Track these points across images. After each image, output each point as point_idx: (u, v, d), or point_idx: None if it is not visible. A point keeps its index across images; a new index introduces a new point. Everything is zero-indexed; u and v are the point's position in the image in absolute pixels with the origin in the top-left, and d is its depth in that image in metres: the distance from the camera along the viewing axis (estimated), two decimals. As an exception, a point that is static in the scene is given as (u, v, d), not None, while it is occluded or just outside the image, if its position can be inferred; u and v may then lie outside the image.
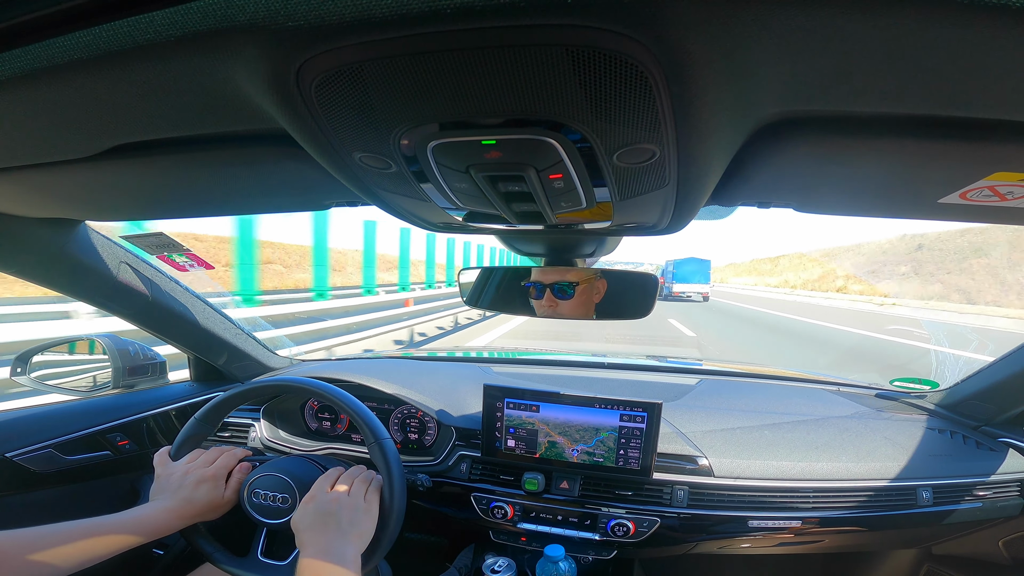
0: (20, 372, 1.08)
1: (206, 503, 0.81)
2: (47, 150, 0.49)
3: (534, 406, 1.00)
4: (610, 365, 1.53)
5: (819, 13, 0.24)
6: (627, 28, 0.25)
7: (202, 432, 0.93)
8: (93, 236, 0.90)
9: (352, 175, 0.48)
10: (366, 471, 0.86)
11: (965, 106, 0.33)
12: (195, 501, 0.80)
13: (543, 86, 0.30)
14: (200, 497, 0.81)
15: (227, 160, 0.52)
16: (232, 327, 1.25)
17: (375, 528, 0.79)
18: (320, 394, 0.91)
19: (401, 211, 0.60)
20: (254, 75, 0.32)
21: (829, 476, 0.98)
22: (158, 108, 0.40)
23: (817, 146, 0.41)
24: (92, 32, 0.30)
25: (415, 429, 1.23)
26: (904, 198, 0.53)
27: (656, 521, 0.97)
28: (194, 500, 0.80)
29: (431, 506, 1.09)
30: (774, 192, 0.54)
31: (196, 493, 0.81)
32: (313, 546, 0.71)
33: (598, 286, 0.81)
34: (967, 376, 1.16)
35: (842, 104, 0.35)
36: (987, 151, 0.39)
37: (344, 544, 0.71)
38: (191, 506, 0.80)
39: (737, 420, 1.12)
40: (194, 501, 0.80)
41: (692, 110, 0.32)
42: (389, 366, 1.41)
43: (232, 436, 1.21)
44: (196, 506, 0.80)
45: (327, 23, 0.27)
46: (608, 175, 0.42)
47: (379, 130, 0.37)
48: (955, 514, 0.99)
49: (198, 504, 0.81)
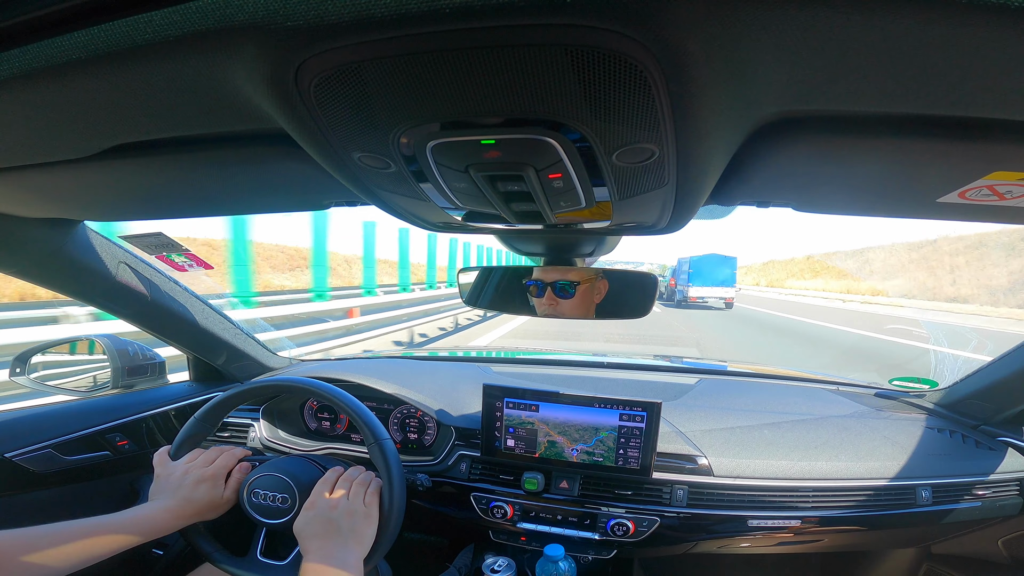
0: (19, 373, 1.07)
1: (205, 503, 0.81)
2: (46, 150, 0.49)
3: (534, 406, 1.00)
4: (609, 365, 1.53)
5: (818, 13, 0.24)
6: (626, 28, 0.25)
7: (202, 432, 0.93)
8: (92, 236, 0.90)
9: (351, 175, 0.47)
10: (365, 472, 0.86)
11: (964, 105, 0.33)
12: (194, 500, 0.80)
13: (542, 86, 0.30)
14: (199, 497, 0.81)
15: (226, 160, 0.52)
16: (231, 327, 1.25)
17: (376, 531, 0.79)
18: (320, 394, 0.91)
19: (400, 211, 0.60)
20: (253, 75, 0.32)
21: (828, 475, 0.98)
22: (157, 108, 0.40)
23: (816, 145, 0.41)
24: (91, 32, 0.30)
25: (415, 429, 1.23)
26: (903, 197, 0.53)
27: (656, 520, 0.97)
28: (193, 499, 0.80)
29: (431, 506, 1.09)
30: (773, 191, 0.54)
31: (195, 493, 0.81)
32: (316, 552, 0.72)
33: (599, 286, 0.81)
34: (966, 375, 1.16)
35: (841, 103, 0.35)
36: (986, 150, 0.39)
37: (346, 550, 0.72)
38: (190, 505, 0.80)
39: (737, 419, 1.12)
40: (193, 500, 0.80)
41: (691, 109, 0.32)
42: (388, 366, 1.41)
43: (232, 436, 1.21)
44: (195, 505, 0.80)
45: (326, 23, 0.27)
46: (607, 175, 0.42)
47: (378, 130, 0.37)
48: (954, 513, 0.99)
49: (197, 504, 0.81)
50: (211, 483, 0.83)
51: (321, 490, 0.80)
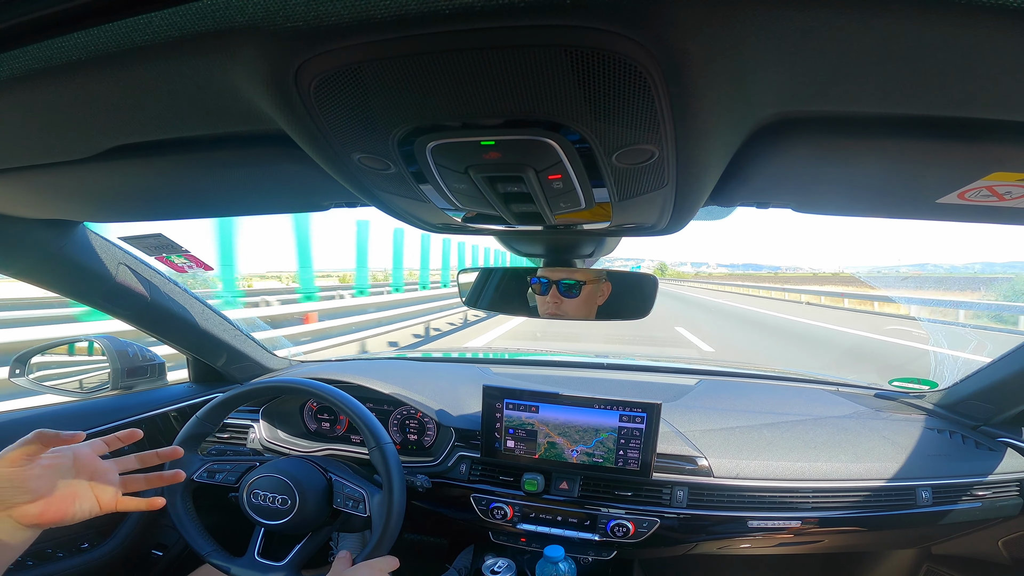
0: (19, 374, 1.07)
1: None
2: (45, 151, 0.49)
3: (533, 407, 1.00)
4: (609, 366, 1.53)
5: (817, 14, 0.24)
6: (627, 29, 0.25)
7: (203, 431, 0.93)
8: (92, 237, 0.90)
9: (351, 176, 0.47)
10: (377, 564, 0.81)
11: (963, 106, 0.33)
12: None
13: (542, 87, 0.30)
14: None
15: (226, 161, 0.52)
16: (231, 328, 1.25)
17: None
18: (322, 396, 0.91)
19: (400, 212, 0.60)
20: (253, 76, 0.32)
21: (828, 476, 0.98)
22: (157, 109, 0.40)
23: (816, 146, 0.41)
24: (90, 33, 0.30)
25: (414, 430, 1.23)
26: (903, 198, 0.53)
27: (656, 521, 0.97)
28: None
29: (431, 507, 1.09)
30: (773, 192, 0.55)
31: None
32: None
33: (603, 288, 0.80)
34: (966, 376, 1.16)
35: (840, 104, 0.35)
36: (985, 151, 0.39)
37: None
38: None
39: (736, 420, 1.12)
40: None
41: (691, 110, 0.32)
42: (388, 367, 1.41)
43: (231, 437, 1.21)
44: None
45: (326, 24, 0.27)
46: (607, 176, 0.42)
47: (378, 131, 0.37)
48: (954, 514, 0.99)
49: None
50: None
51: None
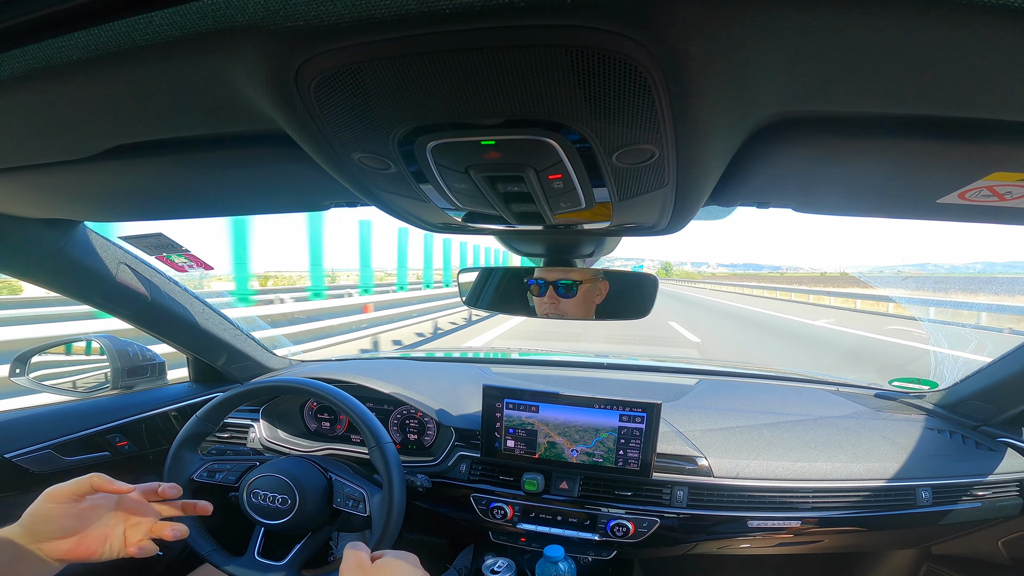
0: (19, 373, 1.07)
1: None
2: (45, 151, 0.49)
3: (533, 406, 1.00)
4: (609, 365, 1.53)
5: (818, 14, 0.24)
6: (626, 29, 0.25)
7: (204, 431, 0.93)
8: (92, 237, 0.90)
9: (351, 176, 0.47)
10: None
11: (964, 106, 0.33)
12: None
13: (542, 87, 0.30)
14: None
15: (226, 161, 0.52)
16: (231, 327, 1.25)
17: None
18: (322, 395, 0.91)
19: (400, 212, 0.60)
20: (253, 76, 0.32)
21: (828, 476, 0.98)
22: (157, 109, 0.40)
23: (816, 146, 0.41)
24: (90, 33, 0.30)
25: (414, 429, 1.23)
26: (903, 198, 0.53)
27: (656, 521, 0.97)
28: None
29: (431, 507, 1.09)
30: (773, 192, 0.55)
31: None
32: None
33: (600, 287, 0.81)
34: (966, 376, 1.16)
35: (841, 104, 0.35)
36: (986, 151, 0.39)
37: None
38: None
39: (736, 420, 1.12)
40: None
41: (691, 110, 0.32)
42: (388, 366, 1.41)
43: (231, 437, 1.21)
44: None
45: (326, 24, 0.27)
46: (607, 175, 0.42)
47: (378, 131, 0.37)
48: (954, 514, 0.99)
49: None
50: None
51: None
